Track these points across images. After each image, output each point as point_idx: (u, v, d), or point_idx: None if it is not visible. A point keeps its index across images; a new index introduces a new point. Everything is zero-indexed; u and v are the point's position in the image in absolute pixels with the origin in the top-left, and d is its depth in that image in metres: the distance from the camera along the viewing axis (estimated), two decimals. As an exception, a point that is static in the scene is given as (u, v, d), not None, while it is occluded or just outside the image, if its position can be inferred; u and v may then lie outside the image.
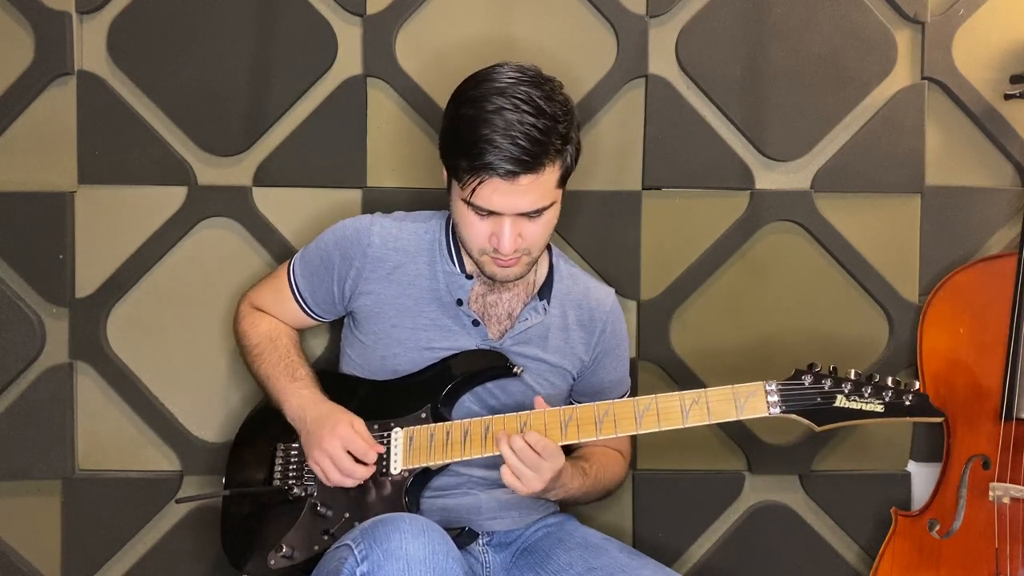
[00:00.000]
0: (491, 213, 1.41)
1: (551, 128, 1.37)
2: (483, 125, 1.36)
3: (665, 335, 1.81)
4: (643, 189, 1.80)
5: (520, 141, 1.35)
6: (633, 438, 1.76)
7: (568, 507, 1.72)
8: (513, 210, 1.40)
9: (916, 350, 1.77)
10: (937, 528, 1.70)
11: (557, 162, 1.41)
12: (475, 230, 1.44)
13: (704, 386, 1.78)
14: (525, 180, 1.37)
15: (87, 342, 1.75)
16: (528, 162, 1.36)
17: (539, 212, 1.42)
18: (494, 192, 1.38)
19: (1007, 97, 1.78)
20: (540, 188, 1.40)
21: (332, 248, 1.57)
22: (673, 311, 1.81)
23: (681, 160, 1.79)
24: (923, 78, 1.81)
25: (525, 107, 1.36)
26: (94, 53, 1.74)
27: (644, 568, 1.43)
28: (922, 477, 1.83)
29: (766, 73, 1.79)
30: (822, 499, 1.84)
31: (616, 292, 1.78)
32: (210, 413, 1.77)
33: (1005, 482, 1.65)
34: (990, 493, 1.66)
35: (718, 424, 1.78)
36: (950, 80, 1.81)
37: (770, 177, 1.81)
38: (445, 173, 1.48)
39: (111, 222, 1.75)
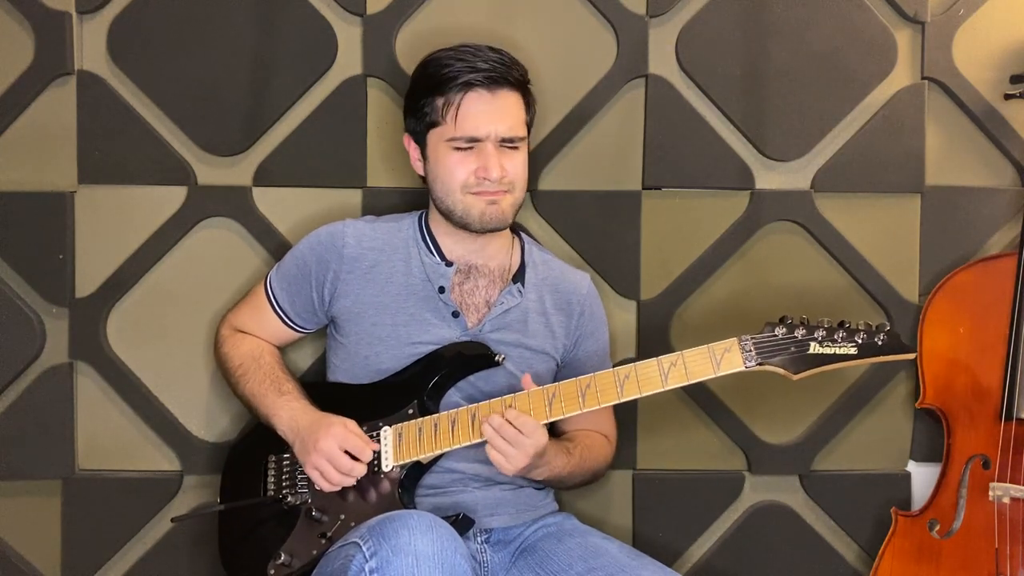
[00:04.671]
0: (474, 143, 1.50)
1: (510, 61, 1.54)
2: (449, 59, 1.52)
3: (665, 335, 1.81)
4: (643, 189, 1.80)
5: (488, 61, 1.51)
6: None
7: (567, 506, 1.72)
8: (496, 130, 1.50)
9: (916, 350, 1.77)
10: (937, 528, 1.70)
11: (519, 90, 1.55)
12: (460, 167, 1.52)
13: (705, 386, 1.79)
14: (503, 92, 1.51)
15: (87, 342, 1.75)
16: (500, 76, 1.51)
17: (516, 143, 1.53)
18: (477, 109, 1.50)
19: (1007, 97, 1.78)
20: (515, 112, 1.53)
21: (307, 254, 1.60)
22: (673, 311, 1.81)
23: (681, 160, 1.79)
24: (923, 78, 1.81)
25: (482, 48, 1.54)
26: (94, 53, 1.74)
27: (644, 568, 1.43)
28: (922, 477, 1.83)
29: (766, 73, 1.79)
30: (822, 499, 1.84)
31: (616, 292, 1.79)
32: (210, 413, 1.77)
33: (1005, 482, 1.65)
34: (990, 493, 1.66)
35: (717, 423, 1.81)
36: (950, 80, 1.81)
37: (770, 177, 1.81)
38: (416, 151, 1.59)
39: (111, 222, 1.75)
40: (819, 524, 1.84)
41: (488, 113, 1.50)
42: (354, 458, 1.45)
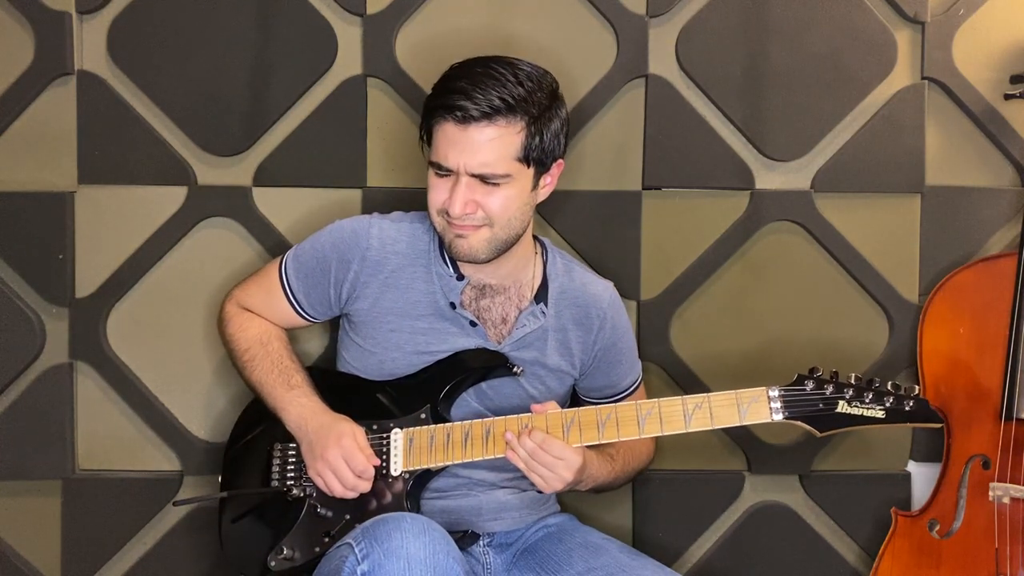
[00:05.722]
0: (448, 172, 1.43)
1: (514, 86, 1.41)
2: (450, 79, 1.44)
3: (665, 335, 1.81)
4: (643, 189, 1.80)
5: (479, 88, 1.39)
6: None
7: (567, 506, 1.72)
8: (464, 164, 1.41)
9: (916, 350, 1.77)
10: (937, 528, 1.70)
11: (517, 124, 1.41)
12: (436, 191, 1.46)
13: (705, 386, 1.80)
14: (475, 129, 1.39)
15: (87, 342, 1.75)
16: (481, 113, 1.39)
17: (494, 180, 1.42)
18: (447, 139, 1.42)
19: (1007, 97, 1.78)
20: (494, 149, 1.41)
21: (329, 250, 1.55)
22: (673, 311, 1.81)
23: (681, 160, 1.79)
24: (923, 78, 1.81)
25: (495, 65, 1.43)
26: (94, 53, 1.74)
27: (644, 568, 1.43)
28: (922, 477, 1.83)
29: (766, 73, 1.79)
30: (822, 499, 1.84)
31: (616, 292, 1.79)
32: (210, 413, 1.77)
33: (1005, 482, 1.65)
34: (990, 493, 1.66)
35: (719, 425, 1.81)
36: (950, 80, 1.81)
37: (770, 177, 1.81)
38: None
39: (111, 222, 1.75)
40: (819, 524, 1.84)
41: (457, 146, 1.41)
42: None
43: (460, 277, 1.54)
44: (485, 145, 1.40)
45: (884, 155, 1.80)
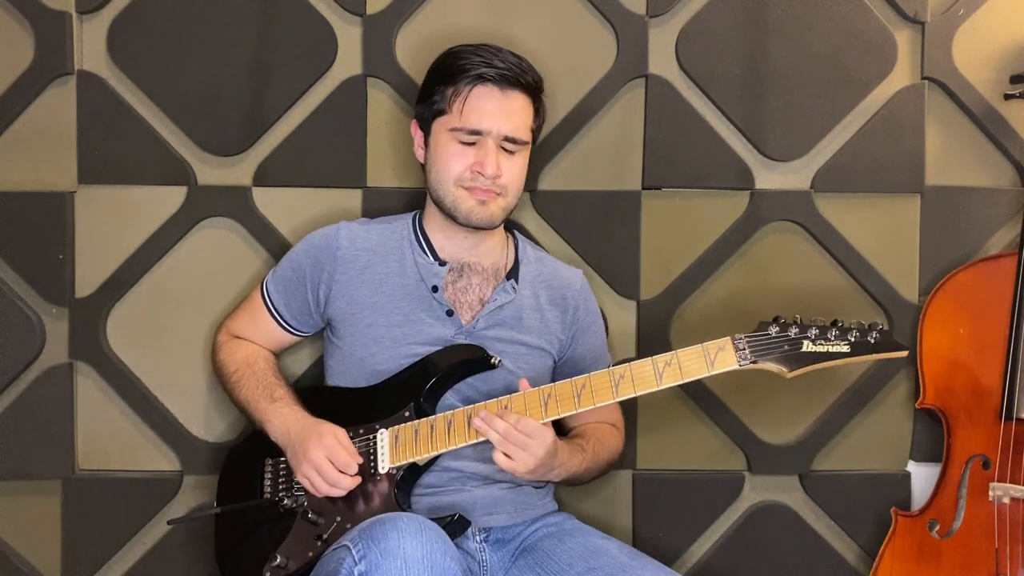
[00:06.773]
0: (476, 137, 1.51)
1: (527, 66, 1.56)
2: (468, 54, 1.54)
3: (665, 335, 1.81)
4: (643, 189, 1.80)
5: (503, 61, 1.53)
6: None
7: (567, 506, 1.72)
8: (499, 127, 1.51)
9: (916, 350, 1.77)
10: (937, 528, 1.70)
11: (529, 96, 1.56)
12: (457, 159, 1.53)
13: (703, 386, 1.80)
14: (513, 93, 1.53)
15: (87, 342, 1.75)
16: (513, 77, 1.52)
17: (516, 147, 1.54)
18: (482, 104, 1.51)
19: (1007, 97, 1.78)
20: (521, 115, 1.54)
21: (303, 257, 1.61)
22: (673, 311, 1.81)
23: (681, 160, 1.79)
24: (923, 78, 1.81)
25: (502, 50, 1.55)
26: (94, 53, 1.74)
27: (644, 568, 1.43)
28: (922, 477, 1.83)
29: (766, 73, 1.79)
30: (822, 499, 1.84)
31: (616, 292, 1.79)
32: (210, 413, 1.77)
33: (1005, 482, 1.65)
34: (990, 493, 1.66)
35: (717, 423, 1.81)
36: (950, 80, 1.81)
37: (770, 177, 1.81)
38: (420, 137, 1.60)
39: (111, 222, 1.75)
40: (819, 524, 1.84)
41: (494, 109, 1.51)
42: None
43: (442, 263, 1.58)
44: (517, 111, 1.53)
45: (884, 155, 1.80)
